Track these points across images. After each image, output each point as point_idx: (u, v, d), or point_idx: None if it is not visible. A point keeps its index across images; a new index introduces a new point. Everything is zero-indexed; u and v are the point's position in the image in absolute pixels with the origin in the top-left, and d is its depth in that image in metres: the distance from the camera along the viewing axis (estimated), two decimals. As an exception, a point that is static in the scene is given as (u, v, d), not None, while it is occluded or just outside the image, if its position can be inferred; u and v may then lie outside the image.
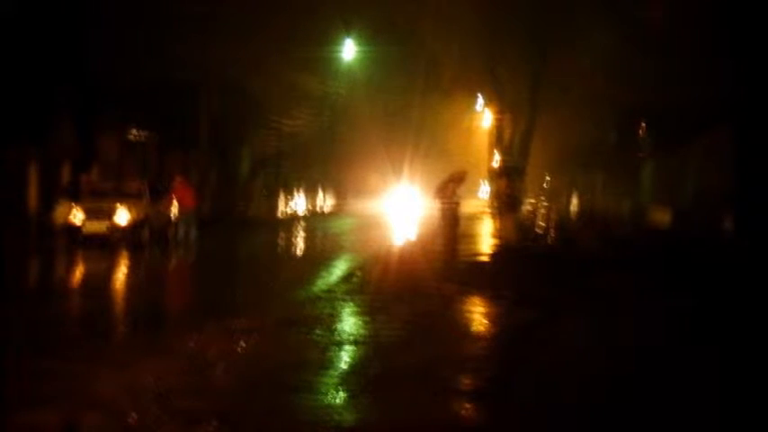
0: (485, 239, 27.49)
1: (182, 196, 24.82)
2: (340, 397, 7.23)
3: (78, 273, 18.37)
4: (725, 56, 21.01)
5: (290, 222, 41.15)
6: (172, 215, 24.67)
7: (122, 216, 22.50)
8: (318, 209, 53.26)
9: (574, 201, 42.98)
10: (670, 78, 24.37)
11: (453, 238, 20.97)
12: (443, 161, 49.36)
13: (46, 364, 8.16)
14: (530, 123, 34.95)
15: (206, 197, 32.69)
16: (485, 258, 21.02)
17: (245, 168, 42.21)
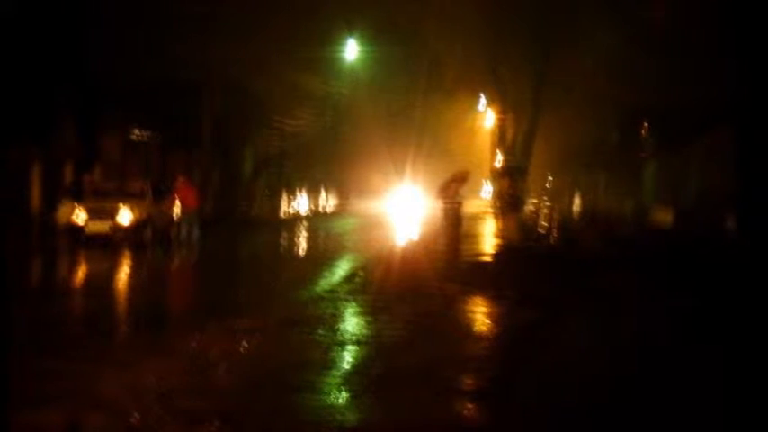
0: (487, 239, 27.50)
1: (184, 196, 24.82)
2: (342, 397, 7.23)
3: (81, 272, 18.38)
4: (727, 56, 20.99)
5: (293, 222, 41.15)
6: (174, 215, 24.67)
7: (125, 216, 22.51)
8: (321, 209, 53.26)
9: (576, 201, 43.00)
10: (673, 78, 24.36)
11: (456, 238, 21.00)
12: (446, 161, 49.33)
13: (48, 364, 8.17)
14: (532, 123, 34.96)
15: (208, 197, 32.68)
16: (487, 258, 21.02)
17: (247, 168, 42.21)
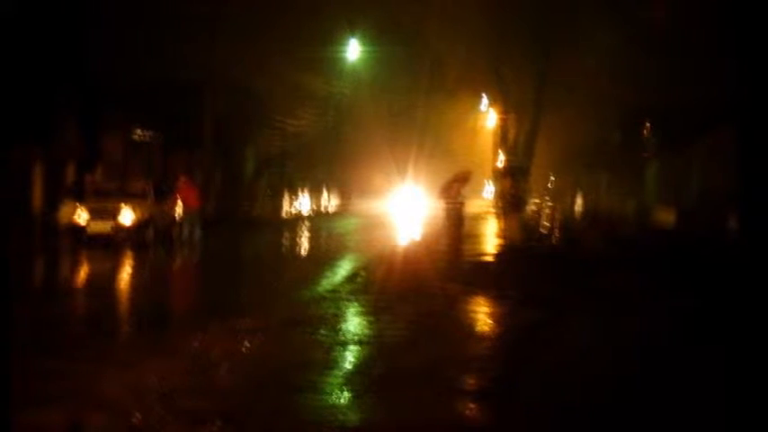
0: (489, 239, 27.48)
1: (186, 196, 24.82)
2: (345, 397, 7.22)
3: (83, 272, 18.37)
4: (729, 56, 20.98)
5: (295, 222, 41.13)
6: (176, 215, 24.67)
7: (127, 216, 22.51)
8: (323, 209, 53.25)
9: (578, 201, 43.03)
10: (674, 78, 24.38)
11: (458, 238, 21.01)
12: (448, 161, 49.37)
13: (50, 364, 8.16)
14: (534, 123, 35.00)
15: (210, 197, 32.67)
16: (489, 258, 21.00)
17: (249, 168, 42.21)
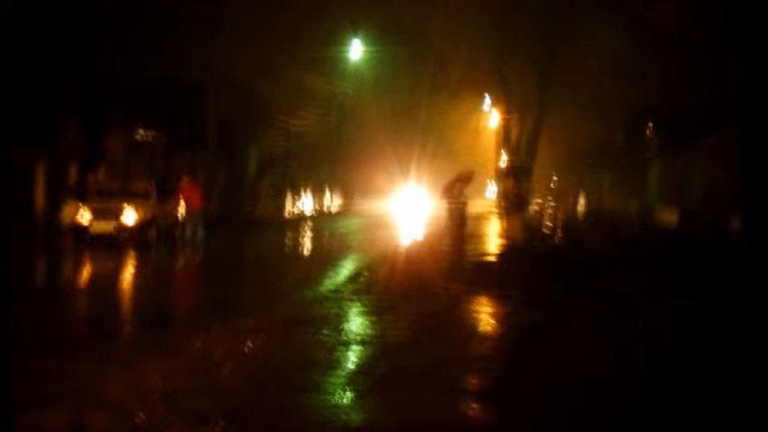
0: (492, 239, 27.47)
1: (189, 196, 24.82)
2: (347, 397, 7.22)
3: (85, 273, 18.37)
4: (731, 56, 20.94)
5: (298, 222, 41.16)
6: (179, 215, 24.67)
7: (129, 216, 22.51)
8: (326, 209, 53.27)
9: (581, 201, 43.01)
10: (677, 79, 24.36)
11: (460, 238, 20.96)
12: (451, 161, 49.37)
13: (53, 364, 8.16)
14: (537, 123, 34.96)
15: (213, 197, 32.69)
16: (492, 258, 21.00)
17: (252, 168, 42.21)
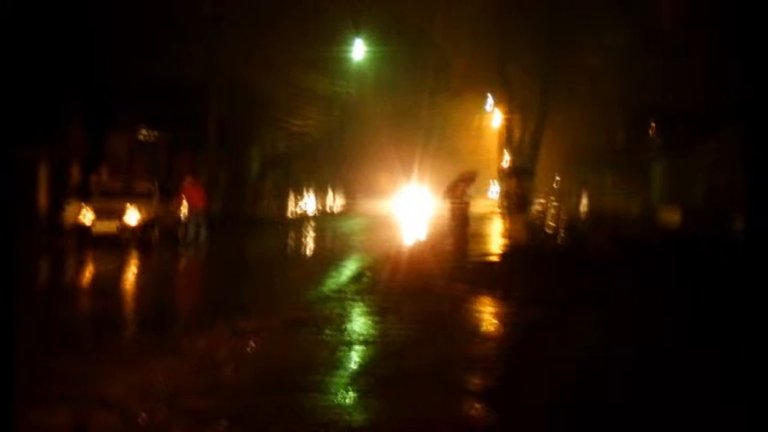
0: (494, 239, 27.46)
1: (191, 196, 24.82)
2: (350, 397, 7.22)
3: (88, 273, 18.37)
4: (734, 56, 20.96)
5: (300, 222, 41.13)
6: (182, 215, 24.67)
7: (132, 216, 22.52)
8: (328, 209, 53.23)
9: (583, 201, 42.98)
10: (680, 79, 24.35)
11: (463, 238, 21.00)
12: (453, 161, 49.41)
13: (55, 364, 8.17)
14: (540, 123, 35.01)
15: (216, 197, 32.68)
16: (494, 258, 20.98)
17: (254, 168, 42.21)
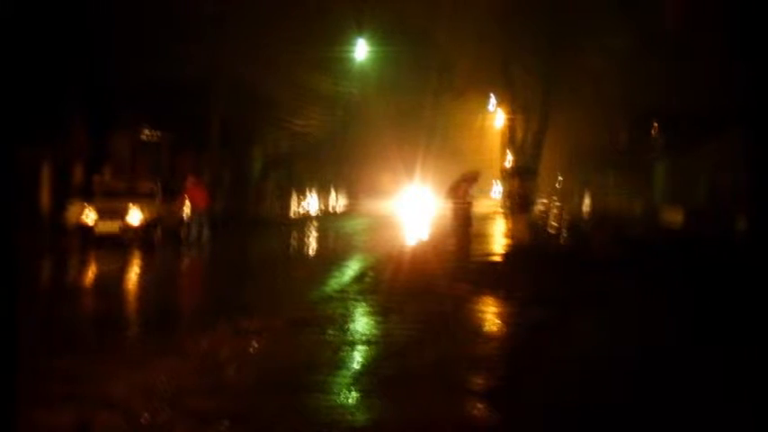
0: (497, 239, 27.46)
1: (194, 196, 24.83)
2: (352, 397, 7.21)
3: (91, 273, 18.37)
4: (737, 58, 20.96)
5: (303, 222, 41.15)
6: (184, 215, 24.68)
7: (135, 216, 22.54)
8: (331, 209, 53.27)
9: (586, 201, 43.00)
10: (683, 80, 24.34)
11: (466, 238, 21.01)
12: (456, 161, 49.35)
13: (57, 364, 8.17)
14: (542, 124, 35.00)
15: (218, 197, 32.70)
16: (497, 258, 20.98)
17: (257, 168, 42.24)
